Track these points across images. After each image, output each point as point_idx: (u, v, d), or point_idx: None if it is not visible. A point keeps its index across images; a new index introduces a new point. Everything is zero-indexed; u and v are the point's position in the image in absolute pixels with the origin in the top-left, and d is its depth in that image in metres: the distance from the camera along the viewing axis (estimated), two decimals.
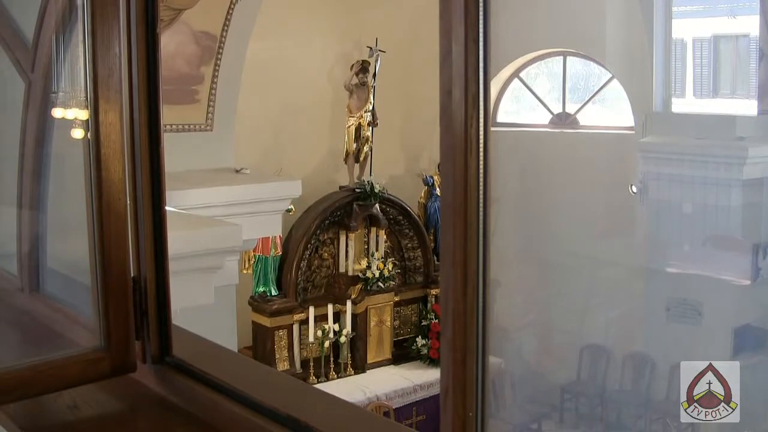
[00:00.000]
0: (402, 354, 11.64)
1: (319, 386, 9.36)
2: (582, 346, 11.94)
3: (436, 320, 11.53)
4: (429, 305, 11.99)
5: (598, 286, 11.39)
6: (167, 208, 2.11)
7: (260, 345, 10.71)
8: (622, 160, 11.54)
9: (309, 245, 10.94)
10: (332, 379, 10.91)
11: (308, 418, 1.75)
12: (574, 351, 11.95)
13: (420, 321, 11.93)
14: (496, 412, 11.22)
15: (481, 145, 1.33)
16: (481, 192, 1.33)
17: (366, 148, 11.38)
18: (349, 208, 11.16)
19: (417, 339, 11.66)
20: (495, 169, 1.35)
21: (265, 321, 10.60)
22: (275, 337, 10.63)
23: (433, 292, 11.88)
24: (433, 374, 10.96)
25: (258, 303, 10.71)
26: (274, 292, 10.77)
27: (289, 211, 9.79)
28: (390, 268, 11.47)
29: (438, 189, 12.00)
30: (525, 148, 12.17)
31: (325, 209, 10.98)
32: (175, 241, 2.18)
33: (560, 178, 11.88)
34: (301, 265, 10.88)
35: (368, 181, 11.24)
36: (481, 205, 1.33)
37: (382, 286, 11.37)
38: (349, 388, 10.36)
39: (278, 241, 10.71)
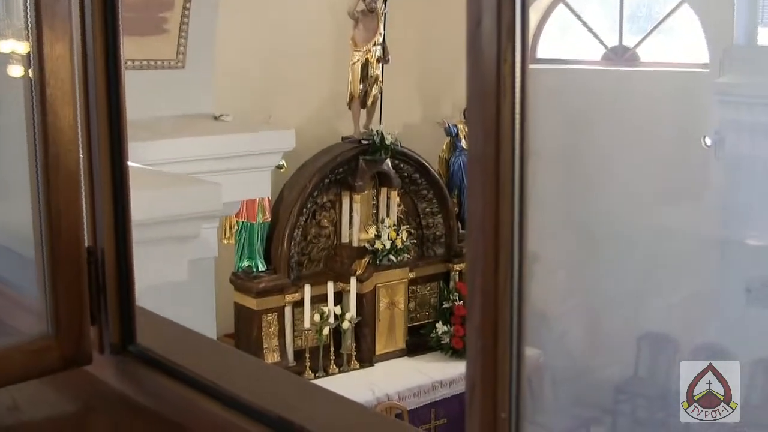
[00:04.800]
0: (418, 343, 11.71)
1: (316, 382, 9.41)
2: (639, 336, 11.95)
3: (461, 302, 11.57)
4: (452, 284, 12.04)
5: (661, 261, 11.38)
6: (130, 163, 2.11)
7: (244, 332, 10.78)
8: (692, 105, 11.48)
9: (304, 210, 10.95)
10: (333, 373, 10.98)
11: (304, 421, 1.75)
12: (629, 341, 11.96)
13: (440, 303, 11.98)
14: (533, 414, 11.24)
15: (518, 87, 1.32)
16: (516, 144, 1.33)
17: (375, 90, 11.34)
18: (353, 164, 11.16)
19: (437, 325, 11.71)
20: (534, 116, 1.34)
21: (251, 302, 10.66)
22: (263, 323, 10.69)
23: (457, 267, 11.92)
24: (456, 368, 11.01)
25: (242, 281, 10.76)
26: (261, 268, 10.81)
27: (280, 167, 9.81)
28: (404, 238, 11.49)
29: (464, 141, 11.99)
30: (571, 90, 12.10)
31: (324, 165, 10.98)
32: (140, 204, 2.19)
33: (615, 127, 11.83)
34: (295, 234, 10.91)
35: (378, 131, 11.21)
36: (516, 160, 1.33)
37: (394, 260, 11.40)
38: (354, 385, 10.42)
39: (266, 204, 10.73)
